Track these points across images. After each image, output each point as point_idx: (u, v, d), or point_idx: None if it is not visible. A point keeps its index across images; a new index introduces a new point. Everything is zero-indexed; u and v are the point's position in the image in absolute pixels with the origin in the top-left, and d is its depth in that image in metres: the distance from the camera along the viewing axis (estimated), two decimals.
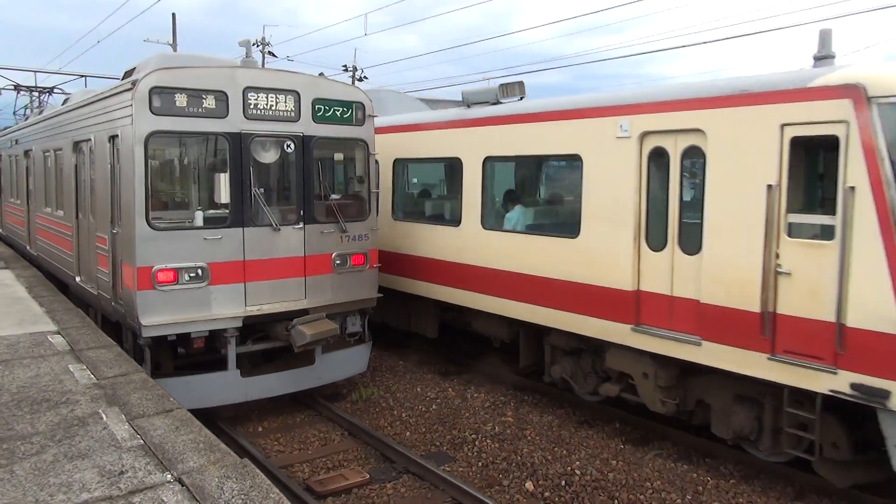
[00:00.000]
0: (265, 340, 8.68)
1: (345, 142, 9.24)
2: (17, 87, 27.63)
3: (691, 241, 6.91)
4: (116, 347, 7.55)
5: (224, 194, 8.09)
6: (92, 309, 9.99)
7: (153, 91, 7.59)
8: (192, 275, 7.88)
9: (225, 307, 8.07)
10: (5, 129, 22.50)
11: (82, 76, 33.67)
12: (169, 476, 4.31)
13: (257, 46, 39.50)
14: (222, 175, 8.09)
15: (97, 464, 4.49)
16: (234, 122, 8.06)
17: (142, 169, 7.61)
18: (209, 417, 8.49)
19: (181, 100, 7.76)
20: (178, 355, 8.51)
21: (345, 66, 39.02)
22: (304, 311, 8.55)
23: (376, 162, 9.61)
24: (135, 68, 9.49)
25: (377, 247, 9.54)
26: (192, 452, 4.66)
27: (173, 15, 37.88)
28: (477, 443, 7.89)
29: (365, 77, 39.01)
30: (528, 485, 6.87)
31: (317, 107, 8.72)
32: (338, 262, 8.95)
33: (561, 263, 8.24)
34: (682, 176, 7.06)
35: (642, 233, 7.37)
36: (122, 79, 9.46)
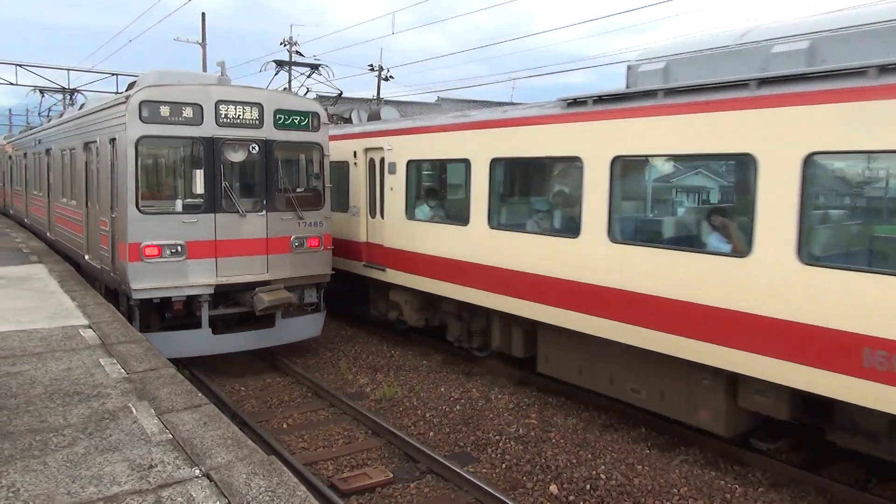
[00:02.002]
0: (236, 307, 10.42)
1: (302, 145, 11.01)
2: (42, 90, 29.60)
3: None
4: (146, 342, 7.65)
5: (199, 186, 9.92)
6: (98, 282, 11.62)
7: (142, 104, 9.42)
8: (172, 250, 9.69)
9: (199, 277, 9.87)
10: (31, 129, 23.90)
11: (113, 74, 34.33)
12: (197, 471, 4.35)
13: (285, 46, 39.82)
14: (198, 171, 9.93)
15: (127, 457, 4.54)
16: (208, 129, 9.86)
17: (133, 165, 9.44)
18: (234, 412, 8.57)
19: (165, 111, 9.58)
20: (165, 318, 10.11)
21: (371, 65, 39.18)
22: (266, 282, 10.33)
23: (329, 162, 11.37)
24: (135, 82, 11.47)
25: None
26: (220, 448, 4.70)
27: (203, 14, 38.35)
28: (501, 444, 7.86)
29: (391, 76, 39.14)
30: (553, 488, 6.82)
31: (277, 116, 10.47)
32: (296, 243, 10.73)
33: None
34: None
35: None
36: (126, 90, 11.29)
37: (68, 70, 33.94)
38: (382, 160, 11.62)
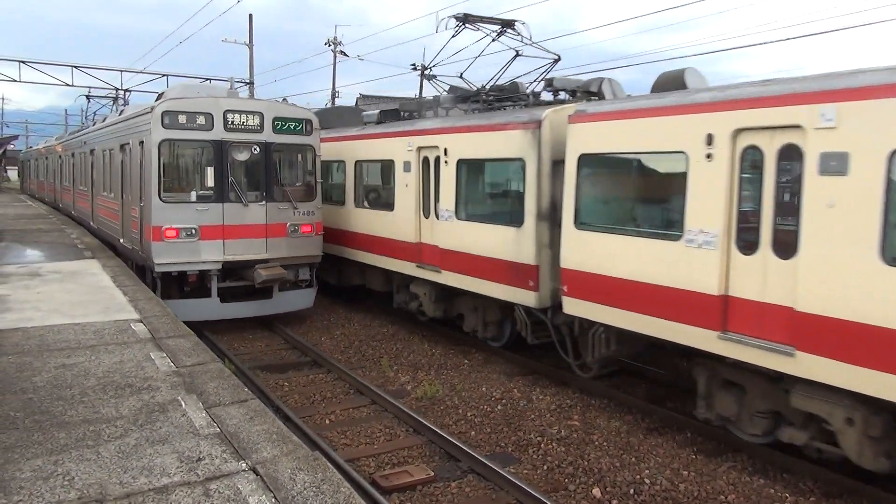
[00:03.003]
0: (240, 281, 12.35)
1: (297, 146, 12.88)
2: (88, 96, 32.69)
3: None
4: (194, 337, 7.82)
5: (210, 180, 12.01)
6: (130, 260, 13.76)
7: (164, 113, 11.56)
8: (188, 233, 11.73)
9: (210, 255, 11.93)
10: (78, 131, 26.36)
11: (164, 75, 35.24)
12: (244, 465, 4.42)
13: (329, 46, 40.27)
14: (209, 168, 12.03)
15: (176, 449, 4.65)
16: (218, 133, 11.90)
17: (156, 163, 11.63)
18: (278, 407, 8.69)
19: (182, 119, 11.67)
20: (183, 289, 12.05)
21: (413, 64, 39.26)
22: (266, 261, 12.25)
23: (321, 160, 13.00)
24: (163, 93, 13.92)
25: None
26: (266, 443, 4.76)
27: (250, 16, 38.96)
28: (542, 445, 7.79)
29: (433, 75, 39.16)
30: (595, 491, 6.73)
31: (275, 122, 12.43)
32: (291, 229, 12.57)
33: None
34: None
35: None
36: (156, 100, 13.34)
37: (121, 71, 34.99)
38: (791, 150, 6.52)
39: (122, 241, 14.54)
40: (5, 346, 7.14)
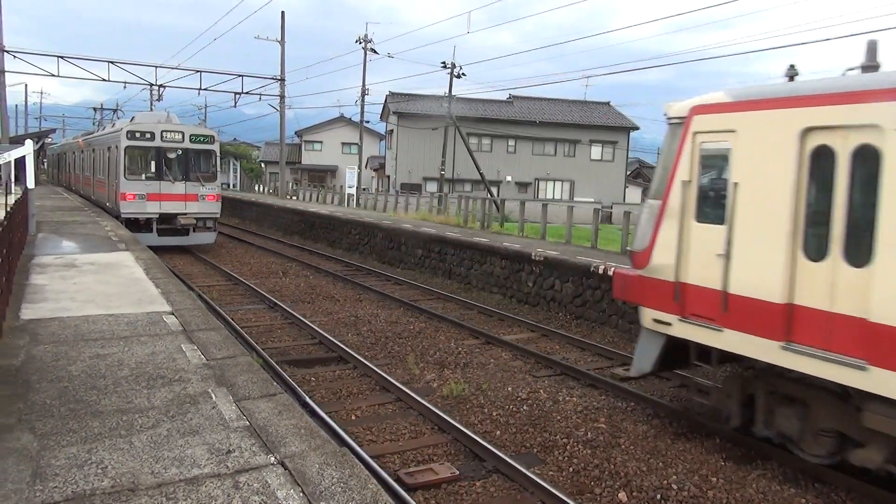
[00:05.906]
0: (170, 224, 22.02)
1: (204, 151, 22.59)
2: (95, 109, 44.16)
3: None
4: (224, 330, 7.92)
5: (153, 168, 21.84)
6: (112, 215, 22.55)
7: (127, 132, 21.54)
8: (140, 196, 21.40)
9: (152, 209, 21.58)
10: (88, 133, 37.67)
11: (197, 71, 35.74)
12: (272, 458, 4.46)
13: (360, 43, 40.44)
14: (153, 162, 21.87)
15: (207, 441, 4.71)
16: (157, 143, 21.68)
17: (123, 159, 21.45)
18: (310, 407, 8.75)
19: (138, 134, 21.58)
20: (140, 228, 21.13)
21: (443, 62, 39.28)
22: (185, 214, 22.00)
23: (221, 158, 25.86)
24: (134, 117, 24.36)
25: None
26: (294, 437, 4.80)
27: (282, 13, 39.26)
28: (568, 447, 7.74)
29: (463, 74, 39.14)
30: (622, 495, 6.66)
31: (191, 136, 22.24)
32: (201, 197, 22.24)
33: None
34: None
35: None
36: (130, 121, 23.51)
37: (156, 67, 35.65)
38: None
39: (107, 203, 24.09)
40: (42, 335, 7.30)
